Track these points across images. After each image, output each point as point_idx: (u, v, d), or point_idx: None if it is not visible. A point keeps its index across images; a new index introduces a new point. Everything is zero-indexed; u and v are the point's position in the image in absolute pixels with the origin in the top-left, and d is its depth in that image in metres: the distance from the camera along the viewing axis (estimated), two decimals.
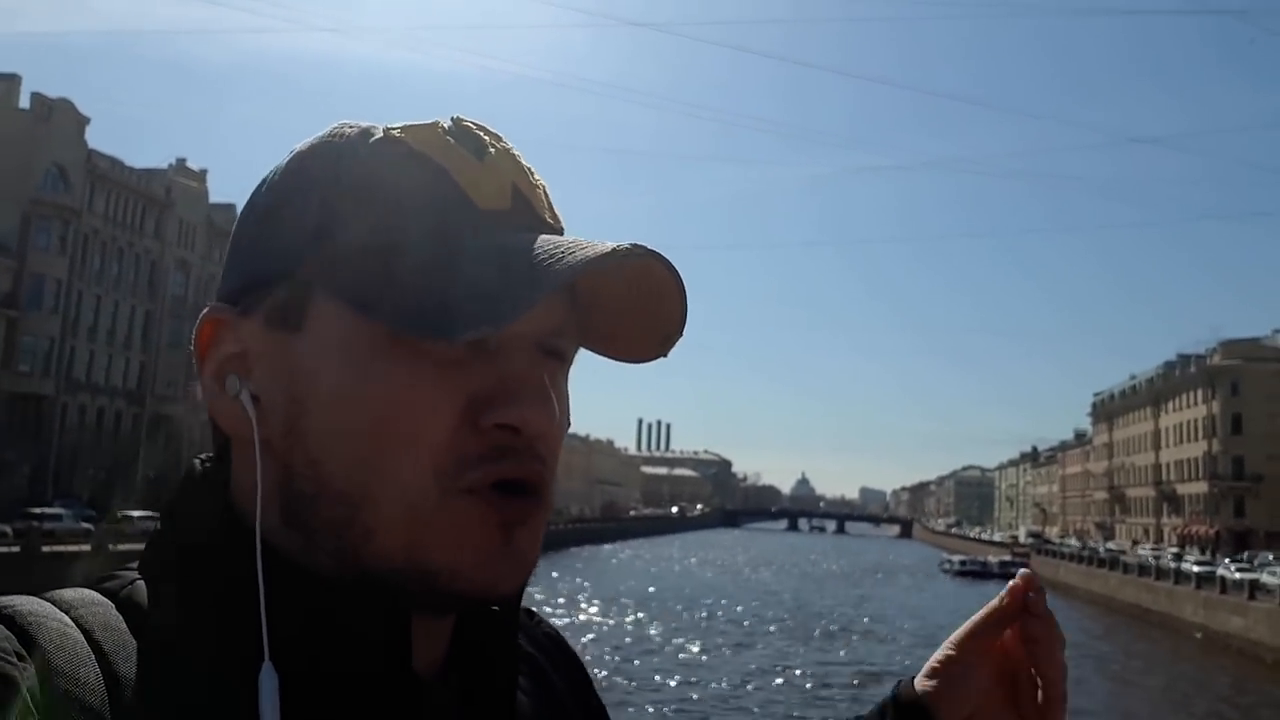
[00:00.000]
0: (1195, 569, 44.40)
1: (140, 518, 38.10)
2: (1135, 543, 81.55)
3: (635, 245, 0.56)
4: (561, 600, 39.73)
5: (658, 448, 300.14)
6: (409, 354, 0.56)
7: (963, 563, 74.60)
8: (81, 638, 0.53)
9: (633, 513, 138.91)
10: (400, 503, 0.56)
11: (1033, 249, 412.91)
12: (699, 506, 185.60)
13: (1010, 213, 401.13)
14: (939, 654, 0.80)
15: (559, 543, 77.46)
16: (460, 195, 0.59)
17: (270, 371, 0.60)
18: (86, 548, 31.15)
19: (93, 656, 0.52)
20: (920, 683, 0.80)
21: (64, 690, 0.50)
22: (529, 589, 0.62)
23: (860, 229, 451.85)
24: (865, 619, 39.88)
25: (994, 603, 0.78)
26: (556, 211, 0.64)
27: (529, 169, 0.64)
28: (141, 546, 0.63)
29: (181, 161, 62.03)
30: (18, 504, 37.94)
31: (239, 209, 0.63)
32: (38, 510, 36.56)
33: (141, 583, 0.59)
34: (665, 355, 0.64)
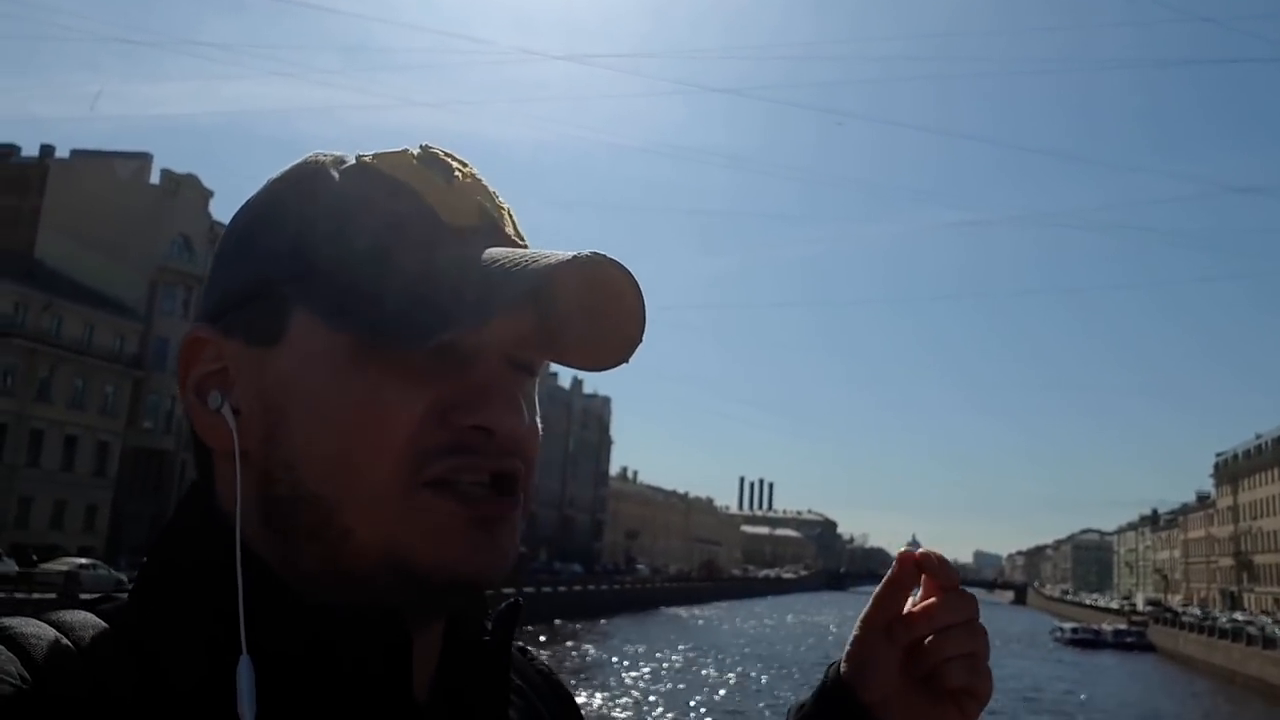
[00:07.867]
0: None
1: None
2: (1266, 613, 76.60)
3: (595, 253, 0.58)
4: (659, 657, 39.77)
5: (760, 507, 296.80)
6: (378, 363, 0.58)
7: (1074, 630, 71.25)
8: (81, 662, 0.54)
9: (736, 572, 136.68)
10: (370, 499, 0.58)
11: (1166, 306, 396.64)
12: (799, 569, 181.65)
13: (1132, 268, 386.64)
14: (852, 634, 0.77)
15: (650, 601, 77.08)
16: (431, 213, 0.61)
17: (250, 385, 0.61)
18: None
19: (90, 684, 0.53)
20: (843, 664, 0.78)
21: (63, 717, 0.50)
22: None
23: (988, 282, 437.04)
24: None
25: (887, 575, 0.76)
26: (521, 232, 0.66)
27: (494, 193, 0.66)
28: None
29: None
30: (139, 551, 39.88)
31: None
32: None
33: (135, 605, 0.60)
34: (627, 361, 0.65)
